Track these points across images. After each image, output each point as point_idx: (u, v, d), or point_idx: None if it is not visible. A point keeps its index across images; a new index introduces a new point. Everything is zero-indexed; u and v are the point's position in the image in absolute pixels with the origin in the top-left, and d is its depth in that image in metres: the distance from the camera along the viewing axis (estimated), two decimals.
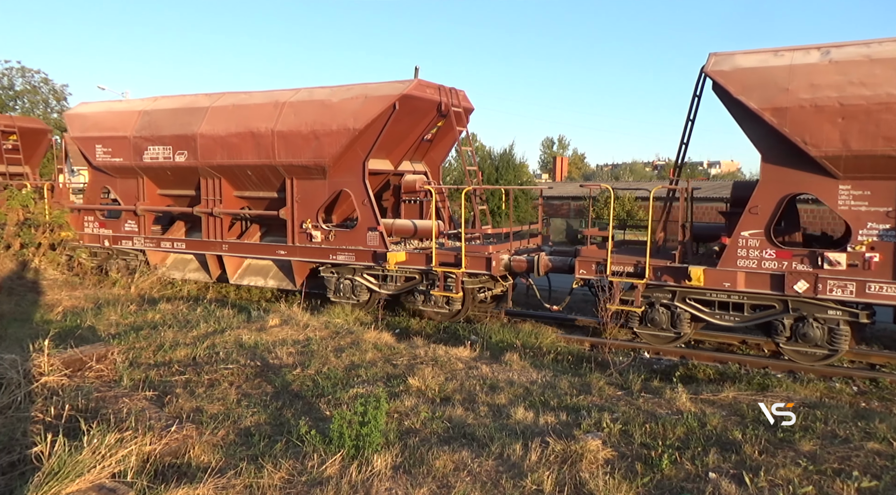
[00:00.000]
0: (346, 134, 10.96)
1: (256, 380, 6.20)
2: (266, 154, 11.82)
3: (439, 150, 13.56)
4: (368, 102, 10.88)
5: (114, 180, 14.14)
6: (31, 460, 3.78)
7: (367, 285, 11.88)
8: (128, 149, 13.38)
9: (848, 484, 4.06)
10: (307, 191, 11.91)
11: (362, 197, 11.34)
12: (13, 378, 4.90)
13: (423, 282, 11.40)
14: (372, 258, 11.43)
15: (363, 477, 4.01)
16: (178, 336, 7.72)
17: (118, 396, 5.05)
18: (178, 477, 3.89)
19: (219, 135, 12.21)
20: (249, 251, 12.97)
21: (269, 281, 12.91)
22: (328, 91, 11.58)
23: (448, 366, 6.91)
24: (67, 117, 14.46)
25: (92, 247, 14.81)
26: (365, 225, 11.40)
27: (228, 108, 12.33)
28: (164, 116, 13.05)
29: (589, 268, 10.02)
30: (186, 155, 12.67)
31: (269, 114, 11.78)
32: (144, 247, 14.01)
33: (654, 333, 9.87)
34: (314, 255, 12.05)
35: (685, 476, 4.27)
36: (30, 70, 33.58)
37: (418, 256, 11.20)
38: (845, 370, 8.98)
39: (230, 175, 12.59)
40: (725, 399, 5.98)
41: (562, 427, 5.07)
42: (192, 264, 14.03)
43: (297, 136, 11.43)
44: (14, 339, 7.49)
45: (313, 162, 11.42)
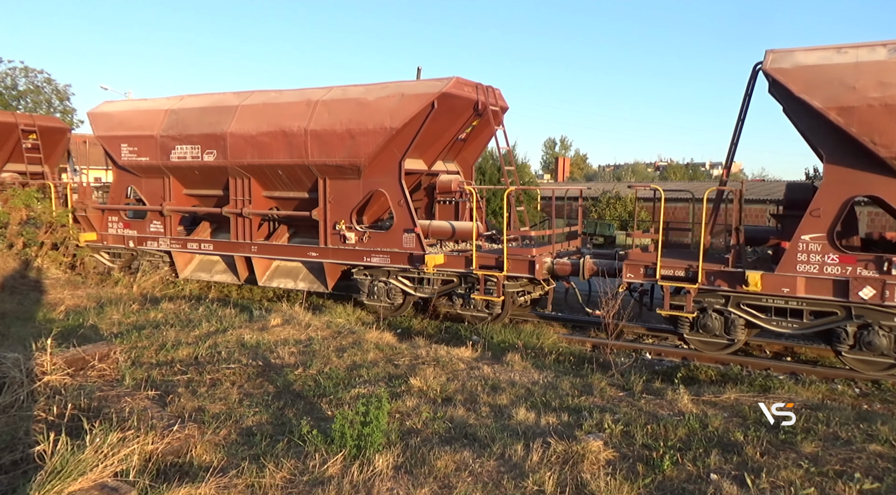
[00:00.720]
0: (382, 133, 10.69)
1: (258, 380, 6.21)
2: (298, 153, 11.51)
3: (472, 150, 13.26)
4: (406, 100, 10.62)
5: (139, 180, 13.85)
6: (34, 459, 3.78)
7: (403, 288, 11.59)
8: (154, 148, 13.09)
9: (850, 486, 4.06)
10: (340, 191, 11.61)
11: (398, 197, 11.04)
12: (16, 377, 4.90)
13: (462, 285, 11.15)
14: (408, 260, 11.14)
15: (365, 477, 4.02)
16: (180, 335, 7.73)
17: (120, 395, 5.06)
18: (180, 476, 3.90)
19: (249, 134, 11.94)
20: (279, 253, 12.66)
21: (300, 283, 12.59)
22: (362, 89, 11.30)
23: (450, 366, 6.91)
24: (91, 116, 14.12)
25: (116, 247, 14.52)
26: (401, 226, 11.09)
27: (258, 106, 12.06)
28: (192, 115, 12.77)
29: (637, 271, 9.70)
30: (215, 154, 12.38)
31: (302, 112, 11.48)
32: (170, 249, 13.68)
33: (706, 340, 9.50)
34: (347, 257, 11.76)
35: (687, 477, 4.27)
36: (33, 70, 33.72)
37: (457, 259, 10.94)
38: (847, 372, 8.96)
39: (260, 175, 12.31)
40: (727, 400, 5.97)
41: (563, 427, 5.07)
42: (219, 265, 13.73)
43: (331, 136, 11.15)
44: (17, 338, 7.50)
45: (348, 161, 11.13)
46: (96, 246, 14.61)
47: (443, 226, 11.72)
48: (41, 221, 14.34)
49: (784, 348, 10.24)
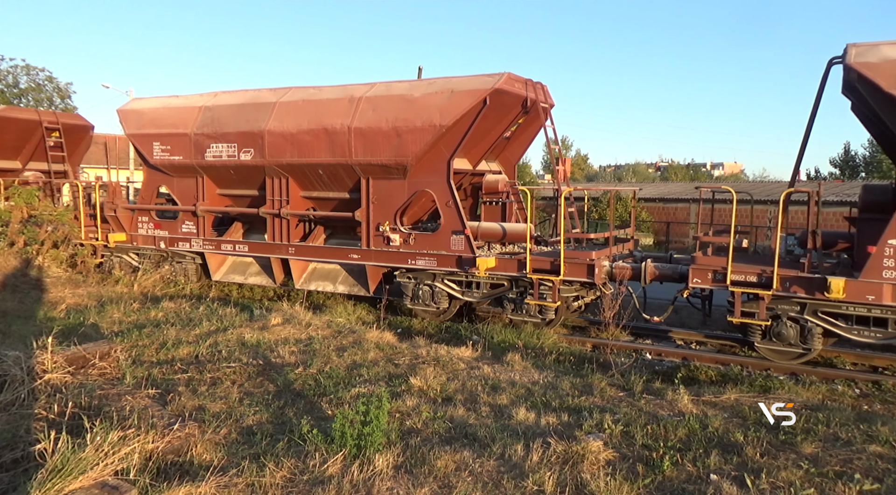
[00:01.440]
0: (431, 131, 10.29)
1: (258, 379, 6.21)
2: (341, 152, 11.11)
3: (515, 149, 12.76)
4: (456, 97, 10.20)
5: (171, 179, 13.50)
6: (35, 457, 3.79)
7: (449, 292, 11.19)
8: (188, 146, 12.70)
9: (850, 487, 4.06)
10: (384, 191, 11.22)
11: (446, 198, 10.67)
12: (17, 375, 4.91)
13: (513, 289, 10.73)
14: (456, 263, 10.78)
15: (365, 477, 4.02)
16: (180, 334, 7.74)
17: (121, 394, 5.06)
18: (181, 475, 3.90)
19: (288, 132, 11.54)
20: (318, 254, 12.28)
21: (339, 286, 12.20)
22: (407, 85, 10.95)
23: (450, 365, 6.92)
24: (121, 113, 13.70)
25: (146, 248, 14.20)
26: (449, 228, 10.73)
27: (298, 103, 11.63)
28: (228, 112, 12.37)
29: (704, 277, 9.28)
30: (252, 153, 11.99)
31: (344, 109, 11.06)
32: (203, 250, 13.29)
33: (779, 349, 9.13)
34: (391, 260, 11.38)
35: (686, 477, 4.27)
36: (34, 68, 33.77)
37: (509, 262, 10.53)
38: (847, 372, 8.96)
39: (299, 174, 11.92)
40: (727, 401, 5.97)
41: (563, 427, 5.07)
42: (253, 268, 13.32)
43: (376, 133, 10.76)
44: (18, 336, 7.51)
45: (394, 161, 10.72)
46: (125, 247, 14.29)
47: (493, 227, 11.25)
48: (42, 220, 14.35)
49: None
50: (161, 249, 13.89)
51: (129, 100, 13.96)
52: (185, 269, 13.74)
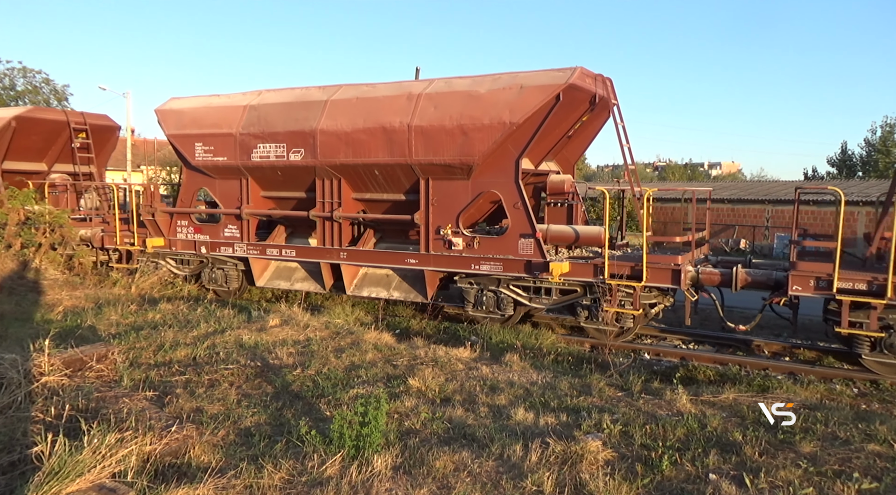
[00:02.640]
0: (499, 129, 9.74)
1: (257, 381, 6.20)
2: (400, 151, 10.57)
3: (574, 148, 12.05)
4: (526, 93, 9.63)
5: (212, 181, 12.93)
6: (32, 460, 3.78)
7: (515, 298, 10.64)
8: (232, 147, 12.17)
9: (848, 486, 4.06)
10: (445, 192, 10.65)
11: (514, 200, 10.12)
12: (13, 377, 4.90)
13: (587, 295, 10.14)
14: (524, 268, 10.22)
15: (363, 478, 4.01)
16: (178, 336, 7.72)
17: (118, 396, 5.05)
18: (179, 477, 3.89)
19: (343, 131, 11.00)
20: (371, 259, 11.68)
21: (393, 292, 11.66)
22: (469, 81, 10.41)
23: (448, 366, 6.91)
24: (160, 113, 13.13)
25: (184, 253, 13.62)
26: (517, 231, 10.19)
27: (351, 101, 11.13)
28: (276, 111, 11.84)
29: (806, 284, 8.72)
30: (303, 153, 11.45)
31: (403, 107, 10.56)
32: (248, 255, 12.71)
33: (891, 362, 8.55)
34: (452, 265, 10.81)
35: (685, 477, 4.27)
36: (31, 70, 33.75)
37: (584, 267, 9.94)
38: (846, 372, 8.97)
39: (352, 175, 11.38)
40: (726, 400, 5.98)
41: (562, 428, 5.07)
42: (299, 273, 12.79)
43: (439, 132, 10.21)
44: (14, 339, 7.49)
45: (458, 160, 10.19)
46: (163, 251, 13.76)
47: (564, 230, 10.56)
48: (37, 222, 14.30)
49: (783, 348, 10.24)
50: (201, 254, 13.34)
51: (168, 99, 13.35)
52: (226, 275, 13.26)
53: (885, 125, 40.02)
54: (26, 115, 15.28)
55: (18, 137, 15.16)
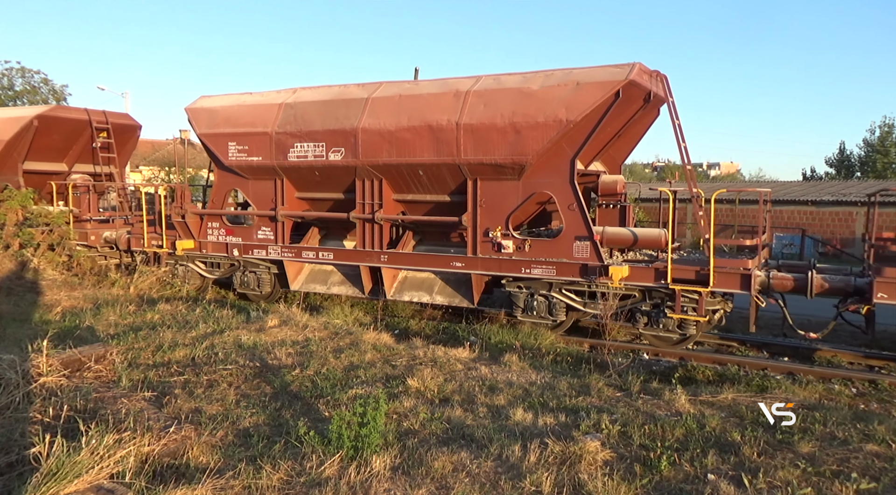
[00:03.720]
0: (555, 127, 9.37)
1: (255, 381, 6.20)
2: (447, 151, 10.22)
3: (622, 147, 11.54)
4: (583, 90, 9.30)
5: (245, 182, 12.55)
6: (30, 461, 3.77)
7: (569, 303, 10.22)
8: (268, 146, 11.78)
9: (847, 486, 4.06)
10: (494, 193, 10.29)
11: (569, 201, 9.76)
12: (12, 378, 4.89)
13: (647, 301, 9.81)
14: (580, 272, 9.84)
15: (362, 478, 4.01)
16: (176, 336, 7.72)
17: (117, 397, 5.04)
18: (177, 477, 3.89)
19: (386, 130, 10.64)
20: (414, 262, 11.26)
21: (436, 296, 11.30)
22: (520, 78, 10.04)
23: (447, 366, 6.91)
24: (191, 112, 12.72)
25: (215, 256, 13.18)
26: (571, 233, 9.82)
27: (394, 98, 10.76)
28: (313, 109, 11.45)
29: (893, 292, 8.39)
30: (343, 153, 11.06)
31: (450, 104, 10.21)
32: (282, 258, 12.32)
33: None
34: (501, 268, 10.43)
35: (684, 477, 4.27)
36: (29, 70, 33.69)
37: (645, 271, 9.55)
38: (844, 372, 8.98)
39: (394, 175, 11.05)
40: (724, 400, 5.98)
41: (561, 428, 5.07)
42: (335, 276, 12.41)
43: (489, 130, 9.86)
44: (13, 340, 7.48)
45: (510, 160, 9.82)
46: (193, 254, 13.36)
47: (621, 232, 10.14)
48: (35, 222, 14.28)
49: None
50: (233, 257, 12.96)
51: (198, 98, 13.02)
52: (258, 279, 12.85)
53: (884, 125, 40.07)
54: (48, 113, 14.92)
55: (40, 137, 14.83)
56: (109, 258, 15.08)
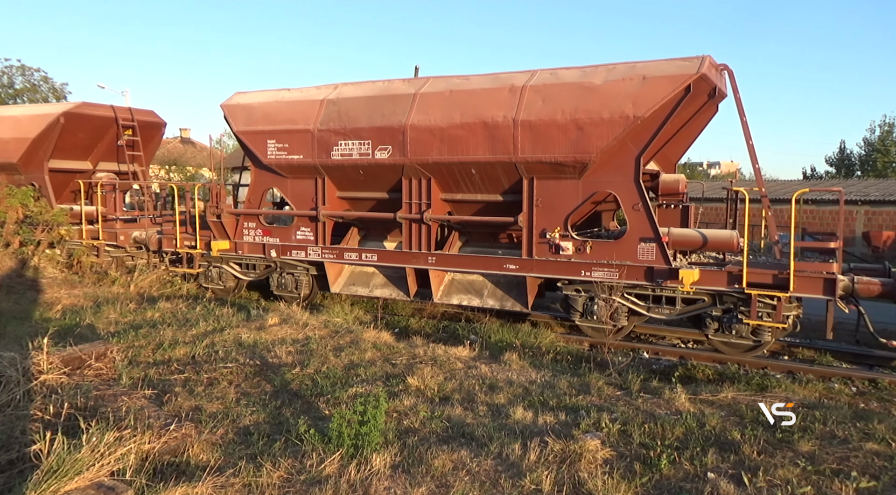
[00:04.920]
0: (621, 123, 8.95)
1: (255, 379, 6.20)
2: (503, 148, 9.79)
3: (678, 145, 10.95)
4: (651, 84, 8.84)
5: (284, 181, 12.08)
6: (30, 458, 3.77)
7: (632, 307, 9.77)
8: (309, 144, 11.32)
9: (846, 485, 4.07)
10: (552, 193, 9.81)
11: (633, 200, 9.29)
12: (12, 376, 4.89)
13: (717, 305, 9.30)
14: (645, 275, 9.37)
15: (362, 477, 4.01)
16: (177, 334, 7.72)
17: (117, 395, 5.05)
18: (177, 475, 3.89)
19: (437, 127, 10.20)
20: (464, 264, 10.80)
21: (487, 300, 10.83)
22: (579, 72, 9.60)
23: (447, 365, 6.92)
24: (227, 109, 12.30)
25: (251, 257, 12.72)
26: (636, 234, 9.35)
27: (444, 94, 10.32)
28: (358, 105, 11.02)
29: None
30: (390, 150, 10.63)
31: (506, 100, 9.79)
32: (323, 259, 11.86)
33: None
34: (559, 271, 9.92)
35: (684, 476, 4.27)
36: (29, 68, 33.66)
37: (717, 274, 9.05)
38: (844, 371, 8.98)
39: (444, 174, 10.59)
40: (724, 399, 5.98)
41: (561, 426, 5.07)
42: (377, 278, 11.97)
43: (549, 127, 9.41)
44: (13, 337, 7.48)
45: (571, 157, 9.36)
46: (228, 255, 12.88)
47: (689, 234, 9.56)
48: (35, 220, 14.27)
49: (781, 347, 10.23)
50: (270, 258, 12.46)
51: (233, 94, 12.48)
52: (297, 281, 12.37)
53: (884, 124, 40.05)
54: (75, 110, 14.61)
55: (65, 134, 14.57)
56: (137, 259, 14.68)
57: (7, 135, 14.59)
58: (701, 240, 9.39)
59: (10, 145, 14.54)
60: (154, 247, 14.10)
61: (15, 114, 15.17)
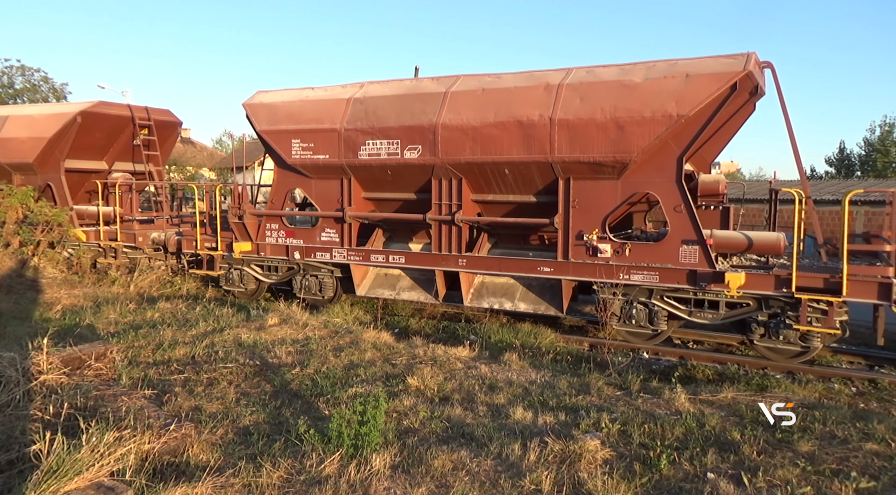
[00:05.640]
0: (663, 122, 8.71)
1: (255, 379, 6.20)
2: (539, 148, 9.52)
3: (712, 146, 10.60)
4: (695, 82, 8.63)
5: (308, 181, 11.79)
6: (30, 458, 3.77)
7: (672, 311, 9.51)
8: (335, 144, 11.07)
9: (846, 485, 4.07)
10: (589, 193, 9.57)
11: (675, 202, 9.04)
12: (12, 376, 4.89)
13: (762, 310, 9.01)
14: (687, 279, 9.12)
15: (362, 477, 4.01)
16: (177, 335, 7.73)
17: (117, 395, 5.05)
18: (177, 475, 3.89)
19: (469, 126, 9.96)
20: (495, 267, 10.52)
21: (519, 304, 10.53)
22: (616, 70, 9.38)
23: (447, 365, 6.92)
24: (250, 108, 12.02)
25: (274, 259, 12.42)
26: (678, 237, 9.09)
27: (476, 92, 10.09)
28: (386, 104, 10.77)
29: None
30: (420, 150, 10.37)
31: (541, 99, 9.53)
32: (349, 261, 11.58)
33: None
34: (596, 274, 9.65)
35: (683, 476, 4.27)
36: (29, 68, 33.67)
37: (763, 278, 8.76)
38: (844, 371, 8.98)
39: (475, 174, 10.34)
40: (724, 399, 5.98)
41: (560, 427, 5.07)
42: (404, 281, 11.68)
43: (588, 126, 9.17)
44: (13, 337, 7.48)
45: (611, 157, 9.11)
46: (249, 257, 12.59)
47: (734, 236, 9.26)
48: (35, 220, 14.25)
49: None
50: (294, 260, 12.19)
51: (255, 93, 12.25)
52: (320, 283, 12.10)
53: (884, 124, 40.05)
54: (92, 109, 14.30)
55: (82, 134, 14.29)
56: (154, 260, 14.47)
57: (22, 135, 14.38)
58: (746, 242, 9.11)
59: (25, 145, 14.35)
60: (173, 249, 13.88)
61: (30, 113, 14.95)
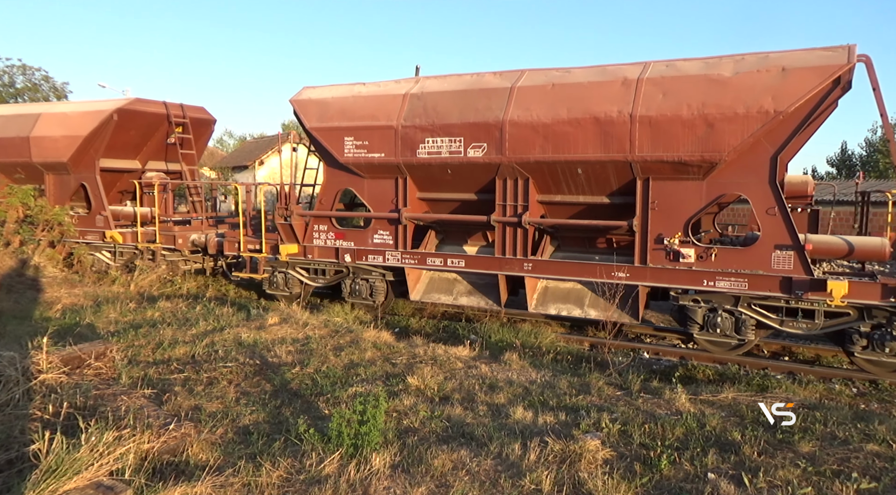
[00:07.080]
0: (758, 119, 8.20)
1: (255, 379, 6.20)
2: (617, 146, 9.00)
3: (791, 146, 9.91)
4: (793, 77, 8.10)
5: (360, 181, 11.26)
6: (29, 457, 3.77)
7: (761, 320, 9.02)
8: (392, 141, 10.54)
9: (847, 486, 4.06)
10: (670, 194, 9.05)
11: (768, 204, 8.50)
12: (11, 375, 4.89)
13: (864, 320, 8.46)
14: (780, 286, 8.57)
15: (362, 476, 4.01)
16: (177, 334, 7.72)
17: (117, 394, 5.04)
18: (177, 475, 3.89)
19: (539, 123, 9.42)
20: (563, 272, 9.99)
21: (589, 310, 9.96)
22: (701, 64, 8.87)
23: (447, 365, 6.91)
24: (298, 104, 11.48)
25: (321, 262, 11.90)
26: (770, 241, 8.55)
27: (545, 87, 9.58)
28: (446, 100, 10.23)
29: None
30: (485, 148, 9.84)
31: (619, 94, 9.03)
32: (403, 265, 11.04)
33: None
34: (677, 280, 9.15)
35: (684, 476, 4.26)
36: (30, 68, 33.73)
37: (869, 286, 8.26)
38: (845, 371, 8.97)
39: (544, 174, 9.79)
40: (725, 399, 5.98)
41: (561, 426, 5.06)
42: (461, 286, 11.12)
43: (672, 123, 8.64)
44: (13, 337, 7.49)
45: (698, 156, 8.59)
46: (295, 260, 12.12)
47: (833, 242, 8.77)
48: (36, 219, 14.25)
49: (782, 348, 10.23)
50: (344, 263, 11.64)
51: (301, 89, 11.79)
52: (371, 287, 11.58)
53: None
54: (128, 107, 14.01)
55: (117, 132, 13.99)
56: (191, 262, 14.24)
57: (56, 133, 14.03)
58: (846, 247, 8.61)
59: (59, 143, 14.00)
60: (213, 251, 13.52)
61: (64, 110, 14.64)
